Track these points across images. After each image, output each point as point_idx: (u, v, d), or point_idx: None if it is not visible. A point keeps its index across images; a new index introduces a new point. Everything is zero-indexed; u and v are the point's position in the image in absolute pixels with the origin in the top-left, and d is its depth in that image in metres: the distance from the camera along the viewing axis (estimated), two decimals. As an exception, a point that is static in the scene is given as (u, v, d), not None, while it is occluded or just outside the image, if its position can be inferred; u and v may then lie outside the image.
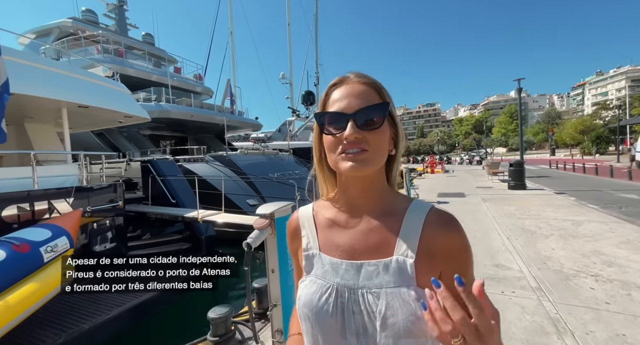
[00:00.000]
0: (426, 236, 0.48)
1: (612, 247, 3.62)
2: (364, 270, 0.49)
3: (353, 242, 0.52)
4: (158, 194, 6.17)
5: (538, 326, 2.08)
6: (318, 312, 0.49)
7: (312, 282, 0.52)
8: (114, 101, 6.38)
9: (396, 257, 0.48)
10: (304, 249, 0.57)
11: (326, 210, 0.57)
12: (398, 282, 0.47)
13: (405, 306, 0.45)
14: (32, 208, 3.93)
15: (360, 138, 0.47)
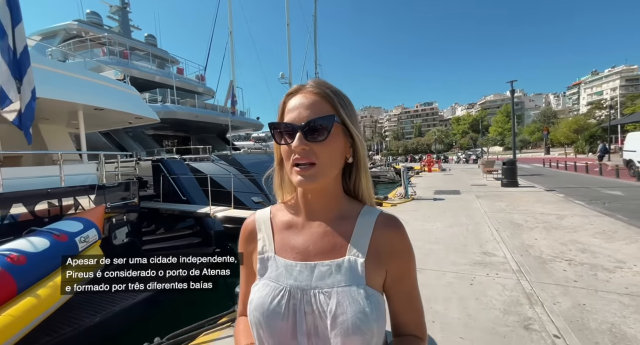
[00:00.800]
0: (375, 238, 0.52)
1: (588, 237, 4.02)
2: (317, 270, 0.50)
3: (308, 244, 0.53)
4: (169, 192, 6.50)
5: (515, 299, 2.46)
6: (269, 315, 0.49)
7: (265, 285, 0.52)
8: (126, 103, 6.70)
9: (348, 257, 0.51)
10: (259, 252, 0.56)
11: (283, 214, 0.58)
12: (349, 281, 0.49)
13: (354, 304, 0.46)
14: (60, 203, 4.27)
15: (307, 150, 0.48)
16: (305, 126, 0.48)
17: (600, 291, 2.51)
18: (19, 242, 2.92)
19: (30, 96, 3.99)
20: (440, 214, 6.00)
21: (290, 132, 0.49)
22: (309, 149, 0.48)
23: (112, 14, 14.36)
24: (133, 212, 5.52)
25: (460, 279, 2.92)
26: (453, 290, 2.68)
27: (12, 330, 2.27)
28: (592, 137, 29.97)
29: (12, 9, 3.74)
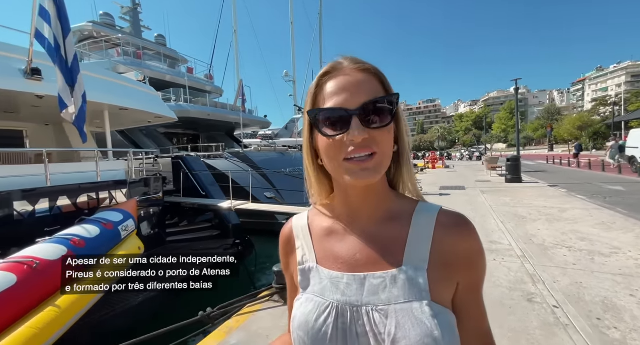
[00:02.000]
0: (438, 241, 0.43)
1: (588, 227, 4.32)
2: (369, 283, 0.43)
3: (355, 252, 0.46)
4: (188, 187, 6.86)
5: (519, 278, 2.78)
6: (315, 335, 0.43)
7: (309, 300, 0.46)
8: (147, 103, 7.05)
9: (405, 266, 0.42)
10: (299, 262, 0.50)
11: (322, 219, 0.51)
12: (409, 297, 0.40)
13: (418, 325, 0.38)
14: (97, 196, 4.63)
15: (368, 138, 0.40)
16: (365, 109, 0.40)
17: (596, 272, 2.82)
18: (76, 228, 3.28)
19: (81, 100, 4.32)
20: (447, 207, 6.31)
21: (338, 120, 0.41)
22: (369, 138, 0.40)
23: (123, 15, 14.69)
24: (158, 205, 5.88)
25: (470, 263, 3.23)
26: (464, 272, 3.00)
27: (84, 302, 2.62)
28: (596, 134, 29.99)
29: (62, 22, 4.06)
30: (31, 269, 2.39)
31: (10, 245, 3.68)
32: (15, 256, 2.55)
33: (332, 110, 0.41)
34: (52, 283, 2.52)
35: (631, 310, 2.16)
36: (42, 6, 4.16)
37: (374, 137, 0.41)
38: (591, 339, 1.86)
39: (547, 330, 1.98)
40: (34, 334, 2.16)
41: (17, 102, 5.59)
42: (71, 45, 4.24)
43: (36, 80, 4.60)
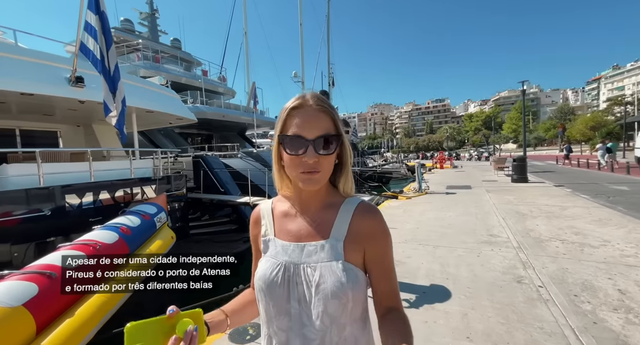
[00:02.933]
0: (354, 223, 0.62)
1: (584, 223, 4.60)
2: (306, 249, 0.62)
3: (300, 228, 0.65)
4: (208, 184, 7.36)
5: (512, 265, 3.13)
6: (270, 284, 0.61)
7: (267, 260, 0.64)
8: (170, 106, 7.58)
9: (331, 239, 0.62)
10: (262, 235, 0.69)
11: (282, 204, 0.70)
12: (330, 258, 0.60)
13: (333, 275, 0.58)
14: (131, 191, 5.14)
15: (317, 161, 0.58)
16: (317, 141, 0.57)
17: (582, 260, 3.15)
18: (121, 218, 3.77)
19: (121, 105, 4.83)
20: (452, 205, 6.62)
21: (299, 145, 0.57)
22: (318, 160, 0.57)
23: (142, 20, 15.39)
24: (181, 201, 6.39)
25: (469, 252, 3.59)
26: (463, 259, 3.36)
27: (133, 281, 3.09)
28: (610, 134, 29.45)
29: (106, 36, 4.58)
30: (95, 250, 2.87)
31: (64, 232, 4.22)
32: (82, 239, 3.04)
33: (296, 137, 0.58)
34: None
35: (606, 289, 2.50)
36: (87, 22, 4.69)
37: (321, 160, 0.58)
38: (566, 310, 2.22)
39: (529, 304, 2.34)
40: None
41: (57, 106, 6.17)
42: (113, 56, 4.75)
43: (79, 87, 5.14)
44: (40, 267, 2.37)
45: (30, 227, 3.92)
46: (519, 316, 2.18)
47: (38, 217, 3.98)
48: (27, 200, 3.90)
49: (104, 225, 3.50)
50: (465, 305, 2.37)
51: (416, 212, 6.08)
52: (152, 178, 5.53)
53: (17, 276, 2.19)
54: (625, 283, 2.59)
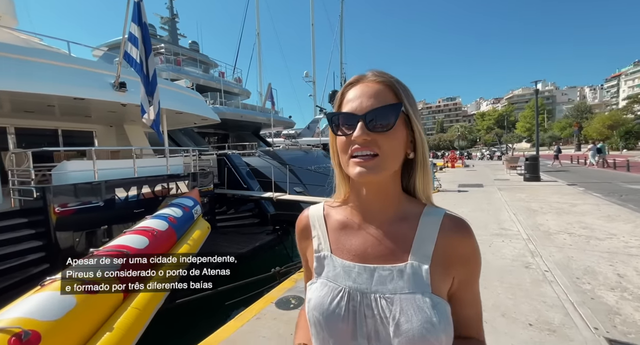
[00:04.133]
0: (441, 242, 0.48)
1: (593, 219, 4.83)
2: (377, 274, 0.49)
3: (366, 246, 0.51)
4: (231, 180, 7.85)
5: (521, 254, 3.44)
6: (329, 316, 0.49)
7: (323, 284, 0.51)
8: (196, 107, 8.11)
9: (411, 262, 0.48)
10: (315, 249, 0.56)
11: (338, 212, 0.57)
12: (412, 288, 0.47)
13: (420, 313, 0.45)
14: (168, 186, 5.66)
15: (369, 140, 0.46)
16: (369, 115, 0.46)
17: (587, 250, 3.43)
18: (167, 210, 4.26)
19: (158, 107, 5.35)
20: (464, 202, 6.90)
21: (350, 122, 0.47)
22: (370, 140, 0.46)
23: (163, 25, 16.10)
24: (209, 195, 6.89)
25: (481, 244, 3.83)
26: (475, 249, 3.69)
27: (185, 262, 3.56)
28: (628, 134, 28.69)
29: (146, 45, 5.09)
30: (154, 235, 3.33)
31: (113, 221, 4.76)
32: (140, 226, 3.52)
33: (343, 114, 0.48)
34: (166, 245, 3.47)
35: (605, 273, 2.80)
36: (131, 32, 5.20)
37: (375, 139, 0.46)
38: (567, 289, 2.54)
39: (535, 284, 2.67)
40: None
41: (96, 108, 6.75)
42: (152, 63, 5.26)
43: (122, 92, 5.68)
44: (117, 247, 2.84)
45: (87, 216, 4.46)
46: (525, 293, 2.51)
47: (94, 207, 4.51)
48: (87, 193, 4.43)
49: (155, 215, 3.98)
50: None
51: (430, 208, 6.39)
52: (185, 174, 6.04)
53: (103, 253, 2.66)
54: (624, 269, 2.88)
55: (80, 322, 2.16)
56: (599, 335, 1.92)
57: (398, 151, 0.49)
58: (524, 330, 2.02)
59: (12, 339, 1.68)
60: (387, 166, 0.47)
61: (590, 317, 2.11)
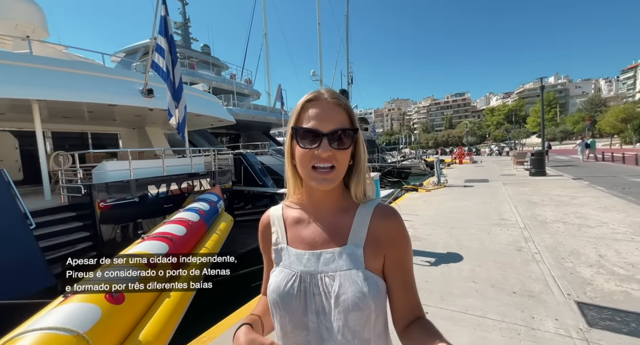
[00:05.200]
0: (372, 227, 0.59)
1: (589, 210, 5.13)
2: (323, 257, 0.59)
3: (315, 235, 0.61)
4: (247, 178, 8.37)
5: (515, 239, 3.81)
6: (285, 296, 0.58)
7: (280, 271, 0.61)
8: (213, 109, 8.64)
9: (349, 245, 0.58)
10: (273, 243, 0.65)
11: (293, 210, 0.66)
12: (349, 266, 0.56)
13: (354, 285, 0.54)
14: (192, 183, 6.19)
15: (331, 155, 0.55)
16: (332, 134, 0.55)
17: (576, 236, 3.78)
18: (196, 204, 4.77)
19: (184, 112, 5.87)
20: (469, 196, 7.23)
21: (313, 137, 0.55)
22: (332, 155, 0.55)
23: (176, 29, 16.75)
24: (228, 192, 7.41)
25: (481, 231, 4.29)
26: (475, 236, 4.07)
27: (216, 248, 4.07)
28: (642, 127, 28.07)
29: (172, 54, 5.61)
30: (189, 225, 3.84)
31: (145, 215, 5.31)
32: (177, 217, 4.03)
33: (310, 129, 0.55)
34: (199, 234, 3.99)
35: (588, 254, 3.16)
36: (158, 44, 5.73)
37: (335, 154, 0.55)
38: (552, 266, 2.92)
39: (524, 263, 3.06)
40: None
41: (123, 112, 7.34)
42: (178, 71, 5.78)
43: (150, 98, 6.23)
44: (162, 233, 3.35)
45: (125, 211, 5.02)
46: (514, 270, 2.91)
47: (131, 202, 5.07)
48: (126, 190, 4.99)
49: (186, 208, 4.50)
50: (474, 264, 3.12)
51: (435, 202, 6.76)
52: (207, 172, 6.57)
53: (153, 238, 3.17)
54: (606, 251, 3.24)
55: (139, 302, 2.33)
56: (570, 299, 2.31)
57: (347, 164, 0.59)
58: (508, 296, 2.43)
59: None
60: (340, 177, 0.58)
61: (566, 287, 2.50)
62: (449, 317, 2.18)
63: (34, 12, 8.08)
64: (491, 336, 1.94)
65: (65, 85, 5.09)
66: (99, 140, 8.80)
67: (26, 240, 3.53)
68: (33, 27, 8.11)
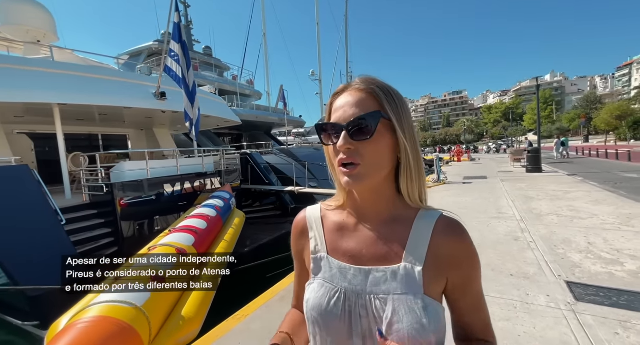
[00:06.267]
0: (434, 244, 0.50)
1: (581, 203, 5.45)
2: (372, 276, 0.50)
3: (361, 248, 0.53)
4: (254, 177, 8.66)
5: (513, 230, 4.12)
6: (326, 316, 0.51)
7: (320, 285, 0.54)
8: (221, 111, 8.91)
9: (404, 264, 0.50)
10: (312, 251, 0.58)
11: (334, 214, 0.58)
12: (405, 289, 0.48)
13: (411, 313, 0.47)
14: (204, 182, 6.47)
15: (352, 149, 0.47)
16: (350, 125, 0.47)
17: (569, 227, 4.09)
18: (211, 201, 5.05)
19: (198, 114, 6.14)
20: (468, 192, 7.55)
21: (335, 132, 0.49)
22: (353, 149, 0.47)
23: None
24: (237, 190, 7.69)
25: (481, 224, 4.59)
26: (475, 228, 4.37)
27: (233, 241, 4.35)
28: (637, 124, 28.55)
29: (187, 59, 5.87)
30: (209, 220, 4.12)
31: (161, 212, 5.58)
32: (197, 213, 4.31)
33: (328, 124, 0.50)
34: (217, 228, 4.27)
35: (579, 242, 3.47)
36: (171, 49, 5.99)
37: (357, 148, 0.47)
38: (545, 253, 3.22)
39: (521, 250, 3.36)
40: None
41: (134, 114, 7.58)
42: (192, 75, 6.04)
43: (162, 101, 6.49)
44: (187, 227, 3.63)
45: (144, 208, 5.29)
46: (512, 256, 3.21)
47: (149, 200, 5.34)
48: (144, 188, 5.26)
49: (204, 205, 4.78)
50: (475, 252, 3.42)
51: (436, 198, 7.06)
52: (216, 172, 6.85)
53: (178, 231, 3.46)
54: (595, 239, 3.55)
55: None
56: (560, 279, 2.62)
57: (382, 157, 0.49)
58: (506, 278, 2.73)
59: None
60: (370, 174, 0.48)
61: (558, 269, 2.81)
62: (454, 295, 2.47)
63: (44, 17, 8.30)
64: (491, 310, 2.21)
65: (84, 90, 5.34)
66: (108, 141, 9.05)
67: (60, 235, 3.80)
68: (44, 32, 8.33)
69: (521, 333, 1.94)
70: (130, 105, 6.00)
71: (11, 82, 4.92)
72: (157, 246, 2.98)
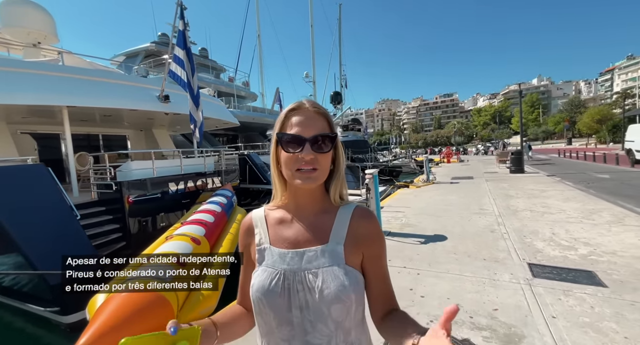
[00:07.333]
0: (352, 226, 0.65)
1: (553, 200, 6.01)
2: (306, 255, 0.63)
3: (297, 235, 0.66)
4: (252, 176, 8.98)
5: (490, 224, 4.61)
6: (269, 294, 0.61)
7: (264, 270, 0.64)
8: (219, 113, 9.21)
9: (330, 243, 0.63)
10: (257, 244, 0.69)
11: (275, 212, 0.70)
12: (331, 262, 0.61)
13: (336, 279, 0.59)
14: (205, 181, 6.78)
15: (313, 158, 0.61)
16: (314, 139, 0.61)
17: (539, 221, 4.61)
18: (215, 198, 5.38)
19: (202, 116, 6.45)
20: (454, 191, 8.07)
21: (297, 142, 0.61)
22: (314, 158, 0.61)
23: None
24: (236, 189, 8.01)
25: (463, 219, 5.07)
26: (458, 223, 4.84)
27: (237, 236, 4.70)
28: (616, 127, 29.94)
29: (192, 65, 6.19)
30: (215, 214, 4.46)
31: (166, 210, 5.88)
32: (204, 208, 4.64)
33: (293, 135, 0.62)
34: (223, 222, 4.61)
35: (544, 233, 3.97)
36: (176, 55, 6.30)
37: (317, 158, 0.61)
38: (515, 242, 3.70)
39: (495, 240, 3.84)
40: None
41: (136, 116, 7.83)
42: (196, 80, 6.36)
43: (166, 103, 6.78)
44: (196, 220, 3.98)
45: (150, 205, 5.59)
46: (487, 245, 3.68)
47: (154, 198, 5.64)
48: (150, 186, 5.56)
49: (209, 201, 5.11)
50: (455, 242, 3.88)
51: (425, 196, 7.55)
52: (216, 171, 7.17)
53: (189, 223, 3.80)
54: (558, 230, 4.06)
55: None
56: (524, 262, 3.09)
57: (328, 165, 0.65)
58: (479, 262, 3.18)
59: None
60: (322, 177, 0.64)
61: (523, 254, 3.28)
62: (434, 275, 2.91)
63: (45, 19, 8.45)
64: (464, 285, 2.68)
65: (91, 93, 5.61)
66: (108, 141, 9.24)
67: (77, 229, 4.10)
68: (44, 34, 8.48)
69: (486, 301, 2.39)
70: (135, 107, 6.28)
71: (23, 85, 5.16)
72: (173, 235, 3.32)
